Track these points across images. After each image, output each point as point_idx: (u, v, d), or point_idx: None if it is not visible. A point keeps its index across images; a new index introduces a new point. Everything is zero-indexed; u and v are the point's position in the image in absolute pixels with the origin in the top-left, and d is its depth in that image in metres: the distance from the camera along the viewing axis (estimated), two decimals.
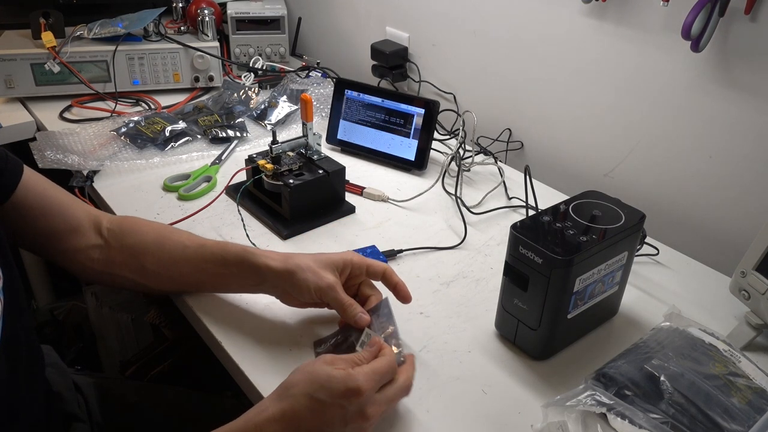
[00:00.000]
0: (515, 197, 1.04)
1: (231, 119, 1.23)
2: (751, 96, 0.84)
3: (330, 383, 0.55)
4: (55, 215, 0.73)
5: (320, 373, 0.56)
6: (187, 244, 0.74)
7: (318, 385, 0.56)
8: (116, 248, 0.75)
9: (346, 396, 0.55)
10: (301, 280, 0.68)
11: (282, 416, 0.55)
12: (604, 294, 0.72)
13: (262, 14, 1.44)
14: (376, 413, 0.57)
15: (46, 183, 0.73)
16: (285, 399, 0.56)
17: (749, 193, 0.88)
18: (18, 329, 0.64)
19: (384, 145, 1.13)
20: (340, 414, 0.55)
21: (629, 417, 0.56)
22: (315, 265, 0.69)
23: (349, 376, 0.56)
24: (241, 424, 0.56)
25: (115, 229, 0.76)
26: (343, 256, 0.71)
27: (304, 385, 0.56)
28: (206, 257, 0.73)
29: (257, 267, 0.70)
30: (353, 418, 0.56)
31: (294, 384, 0.57)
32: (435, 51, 1.32)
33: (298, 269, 0.69)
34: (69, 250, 0.74)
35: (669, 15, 0.89)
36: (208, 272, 0.73)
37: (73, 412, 0.79)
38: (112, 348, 1.34)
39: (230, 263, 0.72)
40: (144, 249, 0.74)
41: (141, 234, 0.76)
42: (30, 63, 1.23)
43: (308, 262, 0.70)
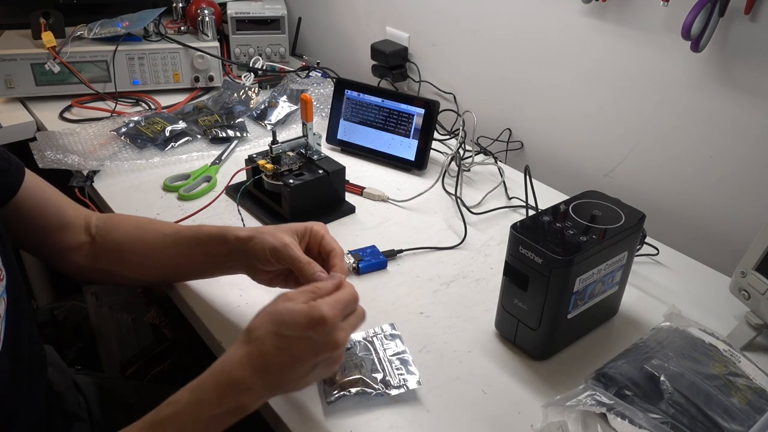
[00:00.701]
0: (515, 197, 1.04)
1: (231, 119, 1.23)
2: (751, 96, 0.84)
3: (293, 317, 0.55)
4: (51, 214, 0.74)
5: (282, 310, 0.56)
6: (165, 232, 0.75)
7: (281, 321, 0.55)
8: (101, 244, 0.76)
9: (312, 327, 0.54)
10: (259, 243, 0.67)
11: (249, 359, 0.55)
12: (604, 294, 0.72)
13: (262, 14, 1.44)
14: (344, 339, 0.57)
15: (43, 182, 0.74)
16: (250, 342, 0.56)
17: (749, 192, 0.88)
18: (20, 329, 0.65)
19: (384, 145, 1.13)
20: (308, 346, 0.55)
21: (629, 417, 0.56)
22: (274, 229, 0.69)
23: (311, 307, 0.55)
24: (208, 376, 0.56)
25: (102, 225, 0.77)
26: (305, 224, 0.70)
27: (268, 325, 0.56)
28: (182, 241, 0.74)
29: (227, 239, 0.70)
30: (322, 348, 0.55)
31: (257, 326, 0.56)
32: (435, 51, 1.32)
33: (258, 233, 0.68)
34: (61, 248, 0.75)
35: (669, 15, 0.89)
36: (185, 255, 0.74)
37: (73, 411, 0.80)
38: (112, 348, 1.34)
39: (204, 242, 0.72)
40: (125, 241, 0.76)
41: (123, 227, 0.77)
42: (30, 63, 1.23)
43: (271, 228, 0.69)
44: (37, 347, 0.73)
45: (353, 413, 0.63)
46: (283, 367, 0.55)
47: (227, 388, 0.54)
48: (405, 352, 0.69)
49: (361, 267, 0.84)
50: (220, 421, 0.55)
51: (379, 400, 0.64)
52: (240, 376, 0.54)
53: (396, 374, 0.66)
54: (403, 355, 0.69)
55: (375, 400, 0.64)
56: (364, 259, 0.85)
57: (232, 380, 0.55)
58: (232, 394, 0.54)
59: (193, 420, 0.54)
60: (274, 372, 0.55)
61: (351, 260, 0.84)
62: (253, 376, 0.55)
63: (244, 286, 0.80)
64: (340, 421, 0.63)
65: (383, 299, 0.80)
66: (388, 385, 0.65)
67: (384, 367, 0.67)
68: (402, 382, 0.65)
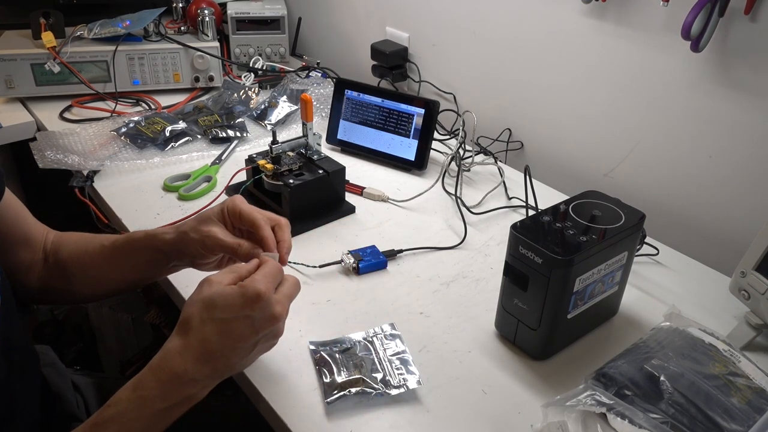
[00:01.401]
0: (515, 197, 1.04)
1: (231, 119, 1.23)
2: (751, 96, 0.84)
3: (227, 299, 0.55)
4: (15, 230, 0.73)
5: (213, 295, 0.56)
6: (104, 243, 0.75)
7: (215, 306, 0.55)
8: (53, 263, 0.76)
9: (248, 305, 0.54)
10: (190, 242, 0.67)
11: (189, 349, 0.54)
12: (604, 294, 0.72)
13: (262, 14, 1.44)
14: (283, 311, 0.57)
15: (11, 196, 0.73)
16: (188, 333, 0.55)
17: (749, 192, 0.88)
18: (13, 330, 0.65)
19: (384, 145, 1.13)
20: (248, 324, 0.55)
21: (629, 417, 0.56)
22: (196, 224, 0.68)
23: (242, 287, 0.55)
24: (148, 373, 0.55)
25: (55, 242, 0.77)
26: (220, 205, 0.68)
27: (202, 312, 0.55)
28: (119, 250, 0.73)
29: (159, 246, 0.70)
30: (263, 324, 0.55)
31: (191, 315, 0.55)
32: (435, 51, 1.32)
33: (185, 234, 0.68)
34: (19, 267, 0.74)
35: (669, 15, 0.89)
36: (125, 263, 0.74)
37: (72, 412, 0.79)
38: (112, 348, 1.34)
39: (138, 248, 0.72)
40: (69, 257, 0.75)
41: (69, 244, 0.76)
42: (30, 63, 1.23)
43: (192, 223, 0.68)
44: (31, 348, 0.73)
45: (353, 413, 0.63)
46: (226, 352, 0.55)
47: (170, 383, 0.54)
48: (405, 352, 0.69)
49: (361, 267, 0.84)
50: (167, 414, 0.55)
51: (379, 399, 0.64)
52: (182, 369, 0.54)
53: (396, 374, 0.66)
54: (403, 355, 0.69)
55: (375, 399, 0.64)
56: (364, 259, 0.85)
57: (174, 374, 0.54)
58: (176, 387, 0.54)
59: (137, 418, 0.54)
60: (218, 358, 0.55)
61: (351, 260, 0.84)
62: (195, 366, 0.54)
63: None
64: (340, 421, 0.63)
65: (383, 299, 0.80)
66: (388, 385, 0.65)
67: (384, 366, 0.67)
68: (402, 382, 0.65)
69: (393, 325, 0.73)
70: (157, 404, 0.54)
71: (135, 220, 0.93)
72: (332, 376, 0.65)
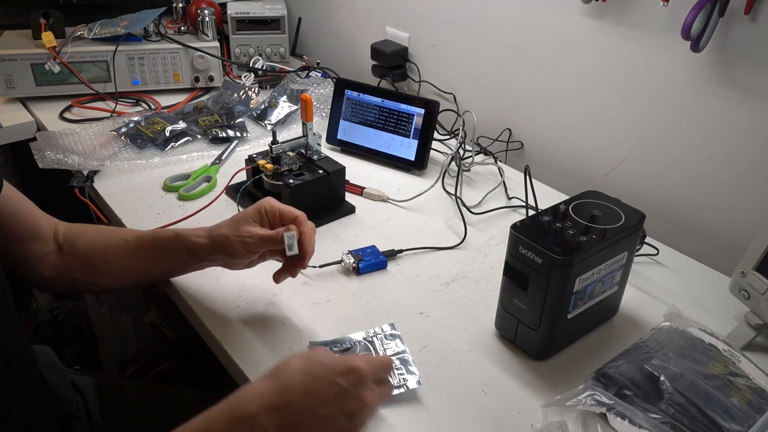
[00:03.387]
0: (515, 197, 1.04)
1: (231, 119, 1.23)
2: (751, 96, 0.84)
3: (328, 360, 0.55)
4: (21, 222, 0.73)
5: (318, 354, 0.56)
6: (127, 239, 0.76)
7: (314, 362, 0.54)
8: (69, 253, 0.76)
9: (345, 374, 0.53)
10: (229, 245, 0.70)
11: (271, 393, 0.53)
12: (604, 294, 0.72)
13: (262, 14, 1.44)
14: (373, 401, 0.55)
15: (13, 190, 0.74)
16: (277, 376, 0.54)
17: (749, 192, 0.88)
18: (9, 329, 0.65)
19: (384, 145, 1.13)
20: (335, 392, 0.53)
21: (629, 417, 0.56)
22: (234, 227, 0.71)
23: (347, 357, 0.56)
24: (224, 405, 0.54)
25: (69, 234, 0.77)
26: (256, 206, 0.73)
27: (300, 362, 0.54)
28: (144, 247, 0.75)
29: (189, 248, 0.73)
30: (348, 400, 0.53)
31: (288, 362, 0.55)
32: (435, 51, 1.32)
33: (224, 238, 0.71)
34: (29, 257, 0.74)
35: (669, 15, 0.89)
36: (150, 261, 0.76)
37: (71, 412, 0.80)
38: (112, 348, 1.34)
39: (166, 249, 0.74)
40: (90, 249, 0.76)
41: (88, 237, 0.77)
42: (30, 63, 1.23)
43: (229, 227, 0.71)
44: (28, 347, 0.73)
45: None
46: (303, 410, 0.52)
47: (239, 423, 0.52)
48: (405, 352, 0.69)
49: (361, 267, 0.84)
50: None
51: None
52: (254, 411, 0.52)
53: (396, 374, 0.66)
54: (403, 355, 0.69)
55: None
56: (364, 259, 0.85)
57: (246, 414, 0.52)
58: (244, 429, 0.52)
59: None
60: (292, 413, 0.52)
61: (351, 260, 0.84)
62: (269, 414, 0.52)
63: (244, 286, 0.80)
64: None
65: (383, 299, 0.80)
66: None
67: None
68: (402, 382, 0.65)
69: (393, 325, 0.73)
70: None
71: (135, 220, 0.93)
72: None
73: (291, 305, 0.77)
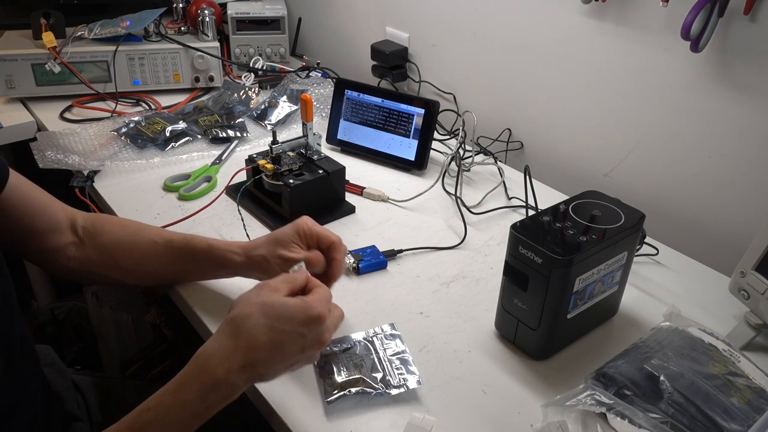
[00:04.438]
0: (515, 197, 1.04)
1: (231, 119, 1.23)
2: (750, 96, 0.84)
3: (290, 311, 0.55)
4: (37, 215, 0.73)
5: (275, 303, 0.56)
6: (156, 241, 0.75)
7: (276, 315, 0.55)
8: (91, 246, 0.76)
9: (307, 323, 0.55)
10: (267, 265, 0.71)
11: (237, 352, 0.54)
12: (603, 294, 0.72)
13: (262, 14, 1.44)
14: (329, 338, 0.58)
15: (29, 184, 0.74)
16: (239, 334, 0.55)
17: (749, 192, 0.88)
18: (12, 328, 0.65)
19: (384, 145, 1.13)
20: (299, 342, 0.56)
21: (629, 417, 0.56)
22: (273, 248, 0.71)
23: (306, 304, 0.56)
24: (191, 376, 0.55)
25: (89, 227, 0.77)
26: (294, 227, 0.72)
27: (260, 316, 0.55)
28: (175, 253, 0.75)
29: (223, 262, 0.73)
30: (311, 345, 0.56)
31: (246, 315, 0.55)
32: (435, 51, 1.32)
33: (262, 258, 0.71)
34: (48, 249, 0.75)
35: (668, 15, 0.89)
36: (180, 266, 0.76)
37: (72, 411, 0.80)
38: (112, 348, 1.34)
39: (198, 258, 0.74)
40: (117, 247, 0.76)
41: (112, 232, 0.77)
42: (31, 63, 1.23)
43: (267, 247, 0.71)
44: (30, 346, 0.73)
45: (353, 413, 0.63)
46: (270, 362, 0.55)
47: (211, 387, 0.54)
48: (405, 352, 0.69)
49: (361, 267, 0.84)
50: (204, 414, 0.55)
51: (379, 399, 0.64)
52: (224, 374, 0.54)
53: (396, 374, 0.66)
54: (403, 355, 0.69)
55: (375, 399, 0.64)
56: (364, 259, 0.85)
57: (217, 378, 0.54)
58: (216, 390, 0.55)
59: (176, 421, 0.54)
60: (260, 365, 0.55)
61: (351, 260, 0.84)
62: (238, 372, 0.54)
63: (244, 286, 0.80)
64: (340, 421, 0.63)
65: (383, 299, 0.80)
66: (388, 385, 0.65)
67: (384, 366, 0.67)
68: (402, 382, 0.65)
69: (393, 325, 0.74)
70: (197, 406, 0.54)
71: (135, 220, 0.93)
72: (332, 376, 0.65)
73: None
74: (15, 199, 0.71)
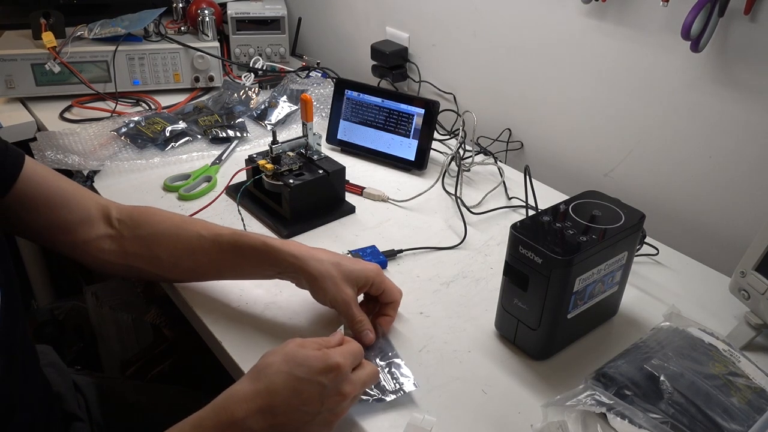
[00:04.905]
0: (515, 197, 1.04)
1: (231, 119, 1.23)
2: (751, 96, 0.84)
3: (308, 361, 0.56)
4: (62, 206, 0.72)
5: (297, 352, 0.57)
6: (202, 234, 0.73)
7: (295, 363, 0.56)
8: (129, 239, 0.74)
9: (325, 372, 0.55)
10: (321, 289, 0.69)
11: (256, 396, 0.54)
12: (603, 294, 0.72)
13: (262, 14, 1.44)
14: (351, 392, 0.58)
15: (50, 174, 0.72)
16: (260, 379, 0.55)
17: (749, 192, 0.88)
18: (15, 327, 0.64)
19: (384, 145, 1.13)
20: (318, 391, 0.55)
21: (629, 417, 0.56)
22: (337, 277, 0.69)
23: (325, 353, 0.57)
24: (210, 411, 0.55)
25: (126, 219, 0.75)
26: (366, 273, 0.71)
27: (281, 364, 0.56)
28: (223, 247, 0.73)
29: (278, 261, 0.71)
30: (330, 396, 0.56)
31: (269, 364, 0.56)
32: (435, 51, 1.32)
33: (321, 277, 0.69)
34: (79, 242, 0.73)
35: (669, 15, 0.89)
36: (226, 262, 0.74)
37: (72, 411, 0.79)
38: (112, 348, 1.34)
39: (248, 255, 0.72)
40: (158, 239, 0.74)
41: (154, 224, 0.75)
42: (30, 63, 1.23)
43: (331, 271, 0.69)
44: (32, 347, 0.73)
45: (353, 413, 0.63)
46: (288, 411, 0.55)
47: (227, 427, 0.54)
48: (397, 356, 0.69)
49: None
50: None
51: (377, 406, 0.64)
52: (242, 415, 0.54)
53: (390, 379, 0.66)
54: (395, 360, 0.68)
55: (373, 406, 0.64)
56: (364, 259, 0.85)
57: (234, 419, 0.54)
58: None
59: None
60: (279, 414, 0.54)
61: None
62: (255, 416, 0.54)
63: (244, 286, 0.80)
64: (340, 420, 0.62)
65: None
66: (384, 391, 0.64)
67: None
68: (397, 387, 0.65)
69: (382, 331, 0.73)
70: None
71: None
72: None
73: (291, 305, 0.77)
74: (33, 191, 0.69)
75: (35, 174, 0.70)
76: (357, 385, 0.59)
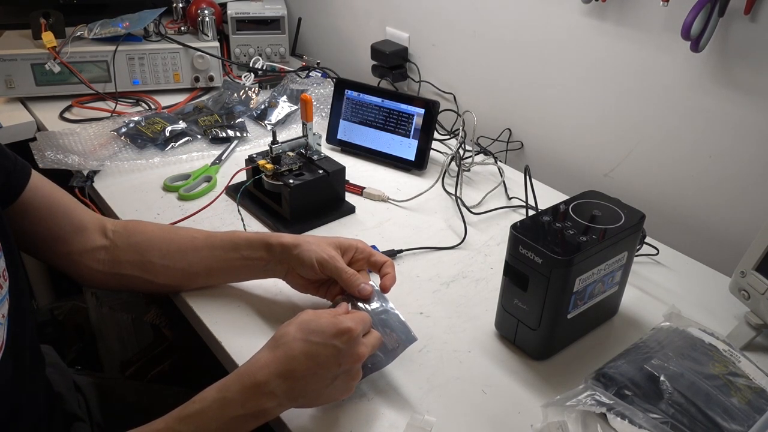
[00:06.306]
0: (515, 197, 1.04)
1: (231, 119, 1.23)
2: (751, 96, 0.84)
3: (321, 326, 0.59)
4: (61, 217, 0.73)
5: (310, 320, 0.60)
6: (195, 235, 0.77)
7: (309, 329, 0.59)
8: (122, 247, 0.76)
9: (338, 335, 0.58)
10: (305, 252, 0.71)
11: (275, 362, 0.57)
12: (603, 294, 0.72)
13: (262, 14, 1.44)
14: (365, 353, 0.61)
15: (52, 185, 0.74)
16: (278, 347, 0.58)
17: (749, 192, 0.88)
18: (23, 330, 0.65)
19: (384, 145, 1.13)
20: (333, 354, 0.58)
21: (629, 417, 0.56)
22: (322, 242, 0.72)
23: (337, 319, 0.60)
24: (234, 376, 0.58)
25: (120, 230, 0.77)
26: (350, 240, 0.74)
27: (296, 332, 0.59)
28: (215, 244, 0.75)
29: (270, 244, 0.73)
30: (346, 358, 0.59)
31: (285, 333, 0.59)
32: (435, 51, 1.32)
33: (304, 242, 0.72)
34: (74, 252, 0.74)
35: (669, 15, 0.89)
36: (218, 258, 0.75)
37: (73, 411, 0.80)
38: (112, 348, 1.34)
39: (241, 246, 0.75)
40: (151, 244, 0.76)
41: (147, 232, 0.77)
42: (30, 63, 1.23)
43: (315, 238, 0.73)
44: (38, 348, 0.73)
45: (353, 413, 0.63)
46: (307, 374, 0.57)
47: (251, 390, 0.57)
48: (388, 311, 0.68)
49: None
50: (242, 423, 0.57)
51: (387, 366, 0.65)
52: (264, 379, 0.57)
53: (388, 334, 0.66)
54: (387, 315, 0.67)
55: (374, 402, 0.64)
56: None
57: (257, 382, 0.57)
58: (256, 396, 0.57)
59: (217, 418, 0.56)
60: (298, 378, 0.57)
61: None
62: (277, 380, 0.57)
63: (244, 286, 0.80)
64: (340, 420, 0.63)
65: None
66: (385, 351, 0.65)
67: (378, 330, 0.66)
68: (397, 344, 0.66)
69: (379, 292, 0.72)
70: (237, 409, 0.56)
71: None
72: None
73: (291, 305, 0.77)
74: (38, 201, 0.71)
75: (40, 185, 0.72)
76: (368, 347, 0.62)
